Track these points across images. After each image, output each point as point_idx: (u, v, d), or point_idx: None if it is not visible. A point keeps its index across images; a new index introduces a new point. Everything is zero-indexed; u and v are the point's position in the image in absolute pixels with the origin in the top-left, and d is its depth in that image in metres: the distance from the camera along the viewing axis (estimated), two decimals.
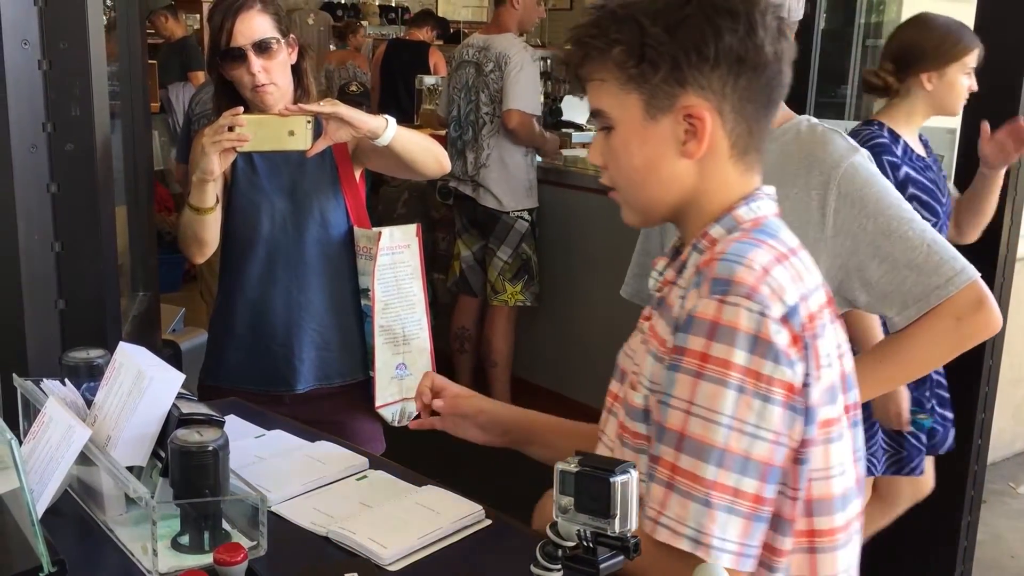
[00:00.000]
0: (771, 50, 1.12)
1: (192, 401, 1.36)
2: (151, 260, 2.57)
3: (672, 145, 1.14)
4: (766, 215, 1.16)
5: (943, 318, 1.48)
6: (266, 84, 2.05)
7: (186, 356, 2.96)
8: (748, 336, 1.03)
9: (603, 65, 1.14)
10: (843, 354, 1.15)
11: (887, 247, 1.50)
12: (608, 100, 1.15)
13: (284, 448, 1.58)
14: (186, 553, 1.23)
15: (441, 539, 1.29)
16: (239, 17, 2.02)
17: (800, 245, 1.18)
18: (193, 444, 1.22)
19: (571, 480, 0.94)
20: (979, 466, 2.68)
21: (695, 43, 1.09)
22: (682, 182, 1.16)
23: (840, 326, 1.18)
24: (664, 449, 1.07)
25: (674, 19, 1.09)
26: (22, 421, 1.48)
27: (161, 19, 6.40)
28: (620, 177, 1.19)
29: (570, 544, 0.97)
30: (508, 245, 4.11)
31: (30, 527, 1.14)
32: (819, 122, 1.63)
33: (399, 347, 2.19)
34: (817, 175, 1.54)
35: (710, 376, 1.04)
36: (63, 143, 1.74)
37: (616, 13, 1.13)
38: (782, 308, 1.04)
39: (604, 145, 1.18)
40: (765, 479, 1.04)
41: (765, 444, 1.04)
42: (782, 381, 1.04)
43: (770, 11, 1.12)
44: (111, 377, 1.35)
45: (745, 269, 1.05)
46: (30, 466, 1.29)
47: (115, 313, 1.98)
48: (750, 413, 1.03)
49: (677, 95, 1.12)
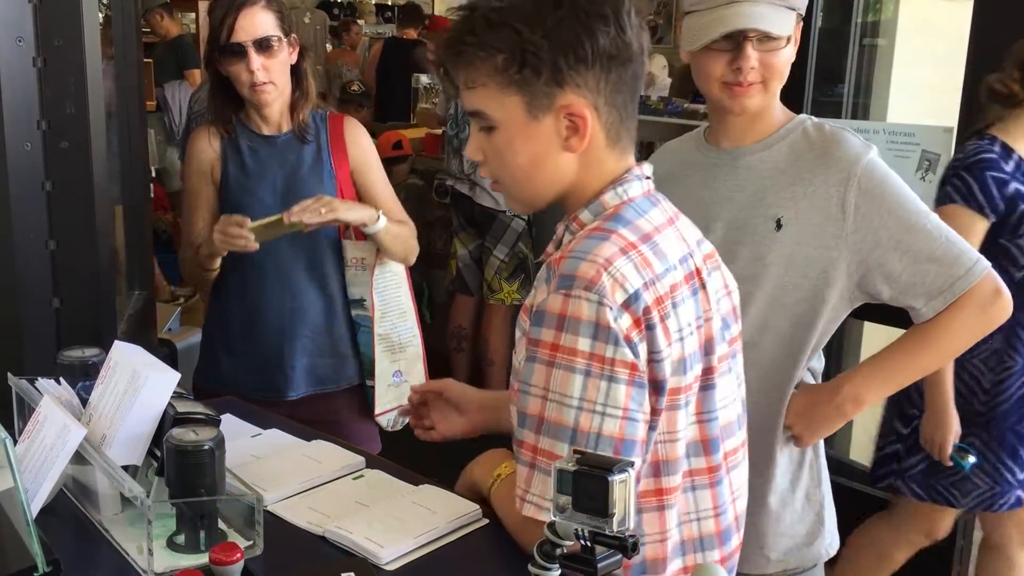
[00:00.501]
0: (637, 45, 1.20)
1: (188, 400, 1.35)
2: (147, 258, 2.56)
3: (555, 141, 1.21)
4: (632, 197, 1.23)
5: (968, 307, 1.53)
6: (265, 83, 2.02)
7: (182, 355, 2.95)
8: (590, 324, 1.12)
9: (483, 71, 1.19)
10: (707, 321, 1.24)
11: (908, 241, 1.52)
12: (489, 103, 1.21)
13: (280, 447, 1.57)
14: (182, 553, 1.22)
15: (438, 538, 1.29)
16: (242, 12, 2.00)
17: (667, 223, 1.25)
18: (189, 443, 1.21)
19: (569, 479, 0.93)
20: None
21: (572, 46, 1.16)
22: (565, 173, 1.24)
23: (705, 295, 1.24)
24: (526, 433, 1.16)
25: (550, 24, 1.16)
26: (17, 420, 1.48)
27: (156, 17, 6.38)
28: (504, 173, 1.26)
29: (568, 543, 0.97)
30: (505, 244, 4.11)
31: (25, 527, 1.14)
32: (822, 120, 1.64)
33: (396, 355, 2.21)
34: (835, 172, 1.55)
35: (560, 364, 1.13)
36: (58, 141, 1.74)
37: (490, 19, 1.18)
38: (623, 295, 1.13)
39: (485, 142, 1.25)
40: (619, 452, 1.13)
41: (615, 421, 1.13)
42: (623, 362, 1.13)
43: (632, 9, 1.20)
44: (106, 376, 1.35)
45: (587, 264, 1.14)
46: (25, 465, 1.28)
47: (110, 312, 1.98)
48: (598, 394, 1.13)
49: (556, 95, 1.19)
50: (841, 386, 1.61)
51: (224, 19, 2.00)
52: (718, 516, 1.27)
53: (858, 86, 3.53)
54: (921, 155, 2.68)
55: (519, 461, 1.18)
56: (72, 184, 1.77)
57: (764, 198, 1.59)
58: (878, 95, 3.63)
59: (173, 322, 3.13)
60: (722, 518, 1.28)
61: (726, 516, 1.29)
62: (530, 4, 1.17)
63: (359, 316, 2.17)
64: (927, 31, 3.79)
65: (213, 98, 2.12)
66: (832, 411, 1.61)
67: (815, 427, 1.62)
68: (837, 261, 1.55)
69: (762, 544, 1.65)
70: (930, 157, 2.67)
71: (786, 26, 1.53)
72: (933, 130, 2.66)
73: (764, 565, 1.66)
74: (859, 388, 1.60)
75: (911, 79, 3.72)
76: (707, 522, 1.27)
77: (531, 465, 1.16)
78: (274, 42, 2.02)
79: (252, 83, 2.02)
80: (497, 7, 1.18)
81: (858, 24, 3.50)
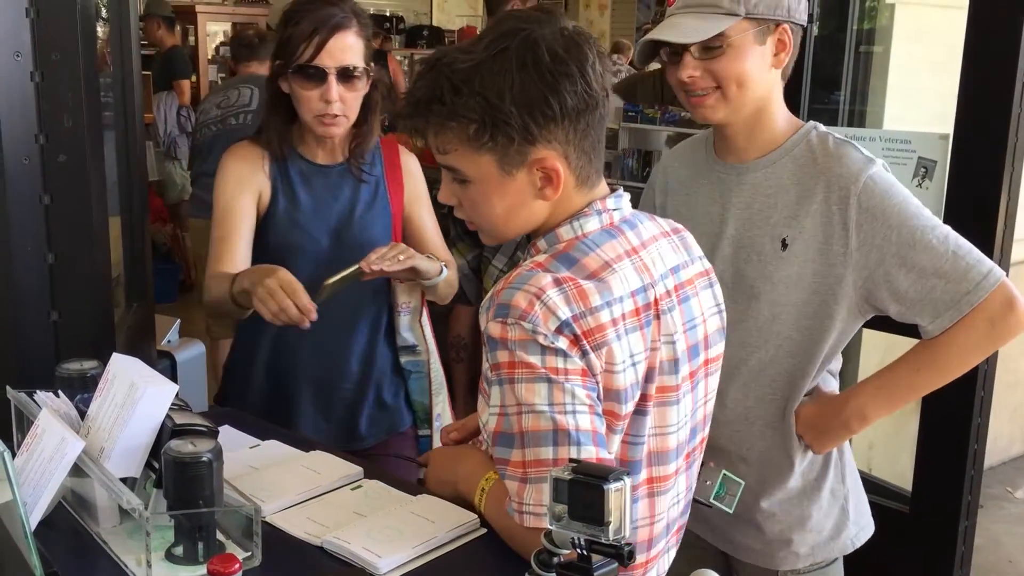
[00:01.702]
0: (601, 91, 1.23)
1: (186, 412, 1.35)
2: (146, 271, 2.56)
3: (529, 192, 1.25)
4: (587, 232, 1.26)
5: (976, 323, 1.50)
6: (338, 116, 1.85)
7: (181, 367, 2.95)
8: (534, 343, 1.16)
9: (454, 137, 1.22)
10: (654, 351, 1.25)
11: (913, 257, 1.50)
12: (461, 162, 1.25)
13: (278, 458, 1.57)
14: (180, 564, 1.22)
15: (436, 548, 1.29)
16: (335, 35, 1.81)
17: (624, 254, 1.25)
18: (187, 455, 1.21)
19: (565, 488, 0.94)
20: (976, 471, 2.68)
21: (540, 107, 1.19)
22: (538, 217, 1.28)
23: (657, 326, 1.25)
24: (514, 452, 1.18)
25: (517, 87, 1.17)
26: (15, 433, 1.48)
27: (154, 26, 6.39)
28: (480, 219, 1.30)
29: (565, 552, 0.97)
30: (503, 254, 4.11)
31: (23, 539, 1.14)
32: (828, 130, 1.62)
33: (440, 396, 2.10)
34: (836, 191, 1.54)
35: (521, 378, 1.17)
36: (56, 154, 1.74)
37: (456, 87, 1.19)
38: (556, 322, 1.16)
39: (459, 191, 1.28)
40: (598, 443, 1.17)
41: (586, 416, 1.17)
42: (575, 369, 1.17)
43: (597, 59, 1.22)
44: (104, 388, 1.35)
45: (521, 293, 1.18)
46: (23, 478, 1.29)
47: (109, 324, 1.98)
48: (563, 395, 1.16)
49: (528, 151, 1.22)
50: (847, 402, 1.62)
51: (312, 36, 1.80)
52: None
53: (854, 93, 3.54)
54: (917, 162, 2.68)
55: (507, 477, 1.20)
56: (70, 197, 1.77)
57: (769, 217, 1.59)
58: (874, 102, 3.64)
59: (172, 334, 3.13)
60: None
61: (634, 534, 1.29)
62: (495, 65, 1.18)
63: (409, 363, 2.03)
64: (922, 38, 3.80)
65: (272, 115, 1.92)
66: (838, 425, 1.62)
67: (824, 439, 1.64)
68: (843, 278, 1.54)
69: (790, 541, 1.68)
70: (926, 164, 2.67)
71: (705, 32, 1.52)
72: (929, 137, 2.66)
73: (794, 560, 1.69)
74: (864, 405, 1.61)
75: (907, 86, 3.72)
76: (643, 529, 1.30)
77: (522, 480, 1.18)
78: (358, 73, 1.84)
79: (324, 113, 1.84)
80: (461, 68, 1.19)
81: (854, 31, 3.51)
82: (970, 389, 2.56)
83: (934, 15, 3.72)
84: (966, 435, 2.59)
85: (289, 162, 1.93)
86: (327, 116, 1.84)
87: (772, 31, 1.55)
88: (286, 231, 1.90)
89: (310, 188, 1.93)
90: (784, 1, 1.54)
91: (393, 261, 1.77)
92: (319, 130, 1.87)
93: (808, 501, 1.67)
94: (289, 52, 1.82)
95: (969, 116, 2.50)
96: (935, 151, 2.64)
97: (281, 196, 1.90)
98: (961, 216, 2.56)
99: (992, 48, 2.43)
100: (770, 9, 1.53)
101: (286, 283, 1.63)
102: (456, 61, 1.19)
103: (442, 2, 9.43)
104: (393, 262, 1.77)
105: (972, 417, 2.60)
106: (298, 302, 1.61)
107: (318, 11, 1.82)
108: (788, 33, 1.56)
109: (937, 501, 2.60)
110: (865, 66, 3.58)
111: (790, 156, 1.60)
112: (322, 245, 1.91)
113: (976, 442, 2.63)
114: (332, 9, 1.83)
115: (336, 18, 1.82)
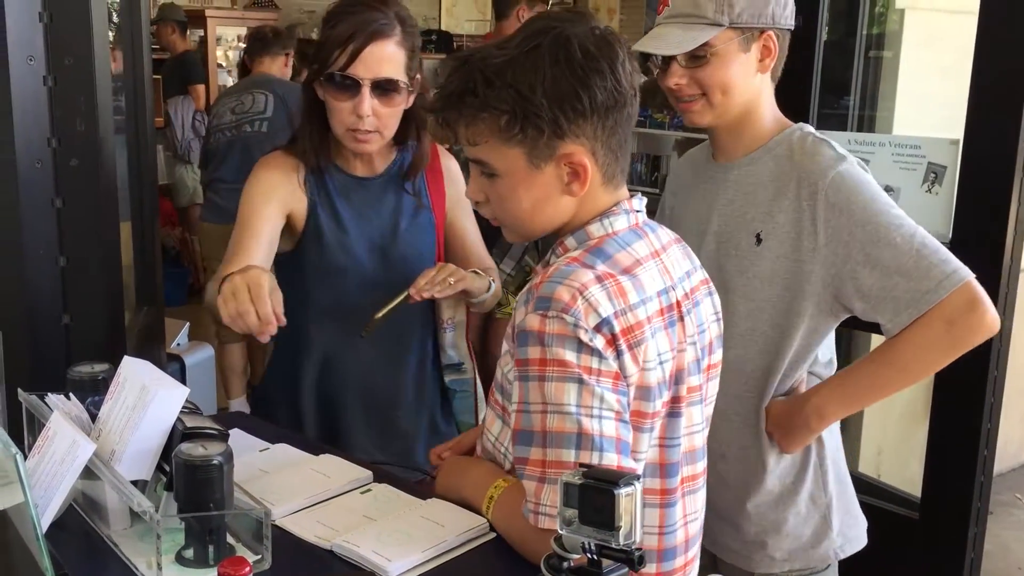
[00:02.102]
0: (630, 90, 1.25)
1: (196, 415, 1.36)
2: (155, 274, 2.57)
3: (556, 186, 1.26)
4: (617, 231, 1.28)
5: (933, 322, 1.49)
6: (370, 132, 1.70)
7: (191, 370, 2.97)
8: (572, 339, 1.16)
9: (485, 128, 1.23)
10: (681, 352, 1.28)
11: (876, 254, 1.51)
12: (491, 155, 1.25)
13: (288, 461, 1.57)
14: (191, 567, 1.23)
15: (446, 552, 1.29)
16: (372, 44, 1.65)
17: (651, 255, 1.28)
18: (197, 458, 1.22)
19: (575, 492, 0.94)
20: (985, 477, 2.67)
21: (571, 102, 1.20)
22: (564, 212, 1.29)
23: (682, 327, 1.28)
24: (533, 450, 1.18)
25: (549, 81, 1.19)
26: (27, 435, 1.48)
27: (168, 30, 6.42)
28: (506, 215, 1.31)
29: (575, 556, 0.97)
30: (511, 258, 4.12)
31: (35, 542, 1.14)
32: (812, 131, 1.64)
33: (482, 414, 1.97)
34: (806, 187, 1.56)
35: (552, 376, 1.17)
36: (68, 158, 1.75)
37: (489, 79, 1.20)
38: (596, 319, 1.17)
39: (487, 186, 1.29)
40: (620, 451, 1.17)
41: (611, 423, 1.17)
42: (608, 371, 1.18)
43: (627, 57, 1.24)
44: (116, 391, 1.35)
45: (563, 288, 1.18)
46: (35, 480, 1.29)
47: (120, 328, 1.99)
48: (592, 399, 1.16)
49: (557, 145, 1.23)
50: (808, 400, 1.63)
51: (347, 42, 1.64)
52: (662, 535, 1.30)
53: (864, 98, 3.53)
54: (927, 167, 2.68)
55: (524, 477, 1.20)
56: (82, 201, 1.78)
57: (747, 213, 1.62)
58: (884, 107, 3.64)
59: (181, 337, 3.14)
60: (666, 537, 1.31)
61: (672, 536, 1.31)
62: (528, 60, 1.19)
63: (454, 382, 1.91)
64: (932, 43, 3.79)
65: (307, 124, 1.77)
66: (801, 423, 1.63)
67: (789, 438, 1.65)
68: (811, 275, 1.56)
69: (764, 544, 1.68)
70: (936, 169, 2.67)
71: (689, 43, 1.54)
72: (939, 142, 2.66)
73: (770, 564, 1.69)
74: (823, 404, 1.61)
75: (917, 91, 3.72)
76: (650, 538, 1.30)
77: (540, 479, 1.18)
78: (396, 87, 1.68)
79: (356, 128, 1.69)
80: (495, 63, 1.20)
81: (863, 36, 3.50)
82: (980, 395, 2.55)
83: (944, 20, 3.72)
84: (976, 441, 2.58)
85: (327, 175, 1.80)
86: (359, 131, 1.70)
87: (757, 38, 1.57)
88: (327, 251, 1.77)
89: (351, 204, 1.79)
90: (768, 8, 1.56)
91: (444, 285, 1.68)
92: (350, 145, 1.74)
93: (784, 506, 1.68)
94: (323, 57, 1.69)
95: (979, 121, 2.49)
96: (945, 156, 2.64)
97: (321, 212, 1.76)
98: (971, 221, 2.55)
99: (1003, 53, 2.42)
100: (754, 17, 1.55)
101: (253, 284, 1.40)
102: (490, 56, 1.21)
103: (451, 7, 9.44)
104: (444, 286, 1.68)
105: (982, 423, 2.59)
106: (260, 309, 1.38)
107: (358, 15, 1.66)
108: (773, 39, 1.58)
109: (946, 507, 2.59)
110: (875, 71, 3.58)
111: (771, 155, 1.62)
112: (365, 265, 1.78)
113: (986, 448, 2.62)
114: (374, 14, 1.67)
115: (376, 24, 1.66)
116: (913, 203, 2.68)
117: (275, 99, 4.28)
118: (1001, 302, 2.50)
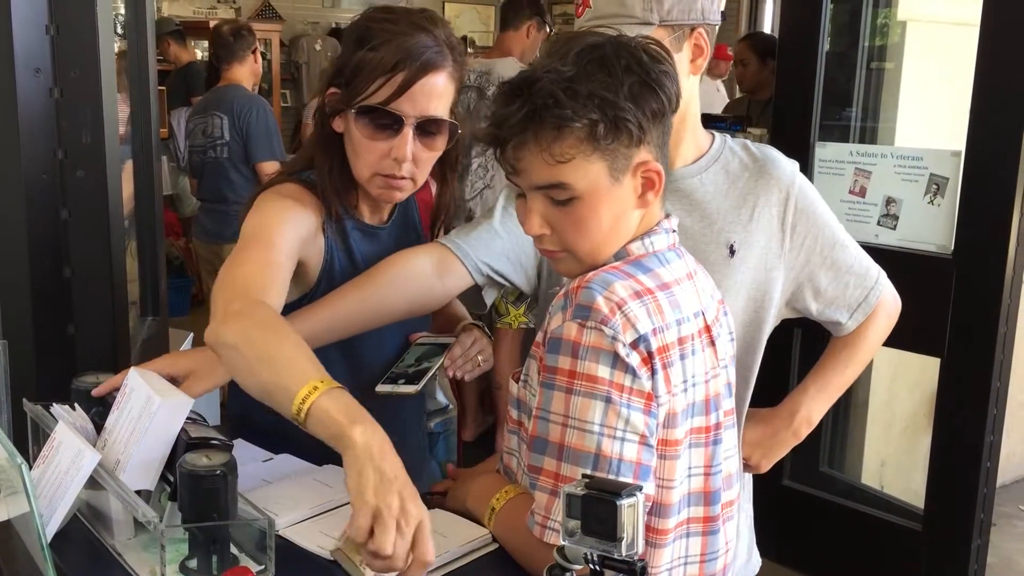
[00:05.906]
0: (678, 95, 1.24)
1: (201, 425, 1.36)
2: (160, 285, 2.58)
3: (631, 200, 1.23)
4: (658, 249, 1.26)
5: (879, 317, 1.61)
6: (405, 179, 1.45)
7: None
8: (609, 354, 1.14)
9: (570, 142, 1.18)
10: (715, 377, 1.27)
11: (834, 255, 1.56)
12: (574, 174, 1.19)
13: (292, 472, 1.58)
14: None
15: (448, 563, 1.29)
16: (425, 76, 1.40)
17: (686, 276, 1.27)
18: (202, 468, 1.22)
19: (578, 503, 0.94)
20: (988, 489, 2.67)
21: (651, 106, 1.19)
22: (632, 229, 1.25)
23: (714, 351, 1.27)
24: (547, 460, 1.17)
25: (627, 88, 1.17)
26: (32, 446, 1.49)
27: (166, 44, 6.43)
28: (583, 240, 1.22)
29: (577, 567, 0.97)
30: None
31: (39, 551, 1.15)
32: (742, 140, 1.61)
33: None
34: (776, 192, 1.54)
35: (579, 391, 1.15)
36: (74, 170, 1.76)
37: (573, 91, 1.15)
38: (634, 335, 1.15)
39: (556, 214, 1.22)
40: (638, 476, 1.15)
41: (633, 447, 1.15)
42: (641, 391, 1.16)
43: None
44: (121, 402, 1.36)
45: (603, 299, 1.15)
46: (40, 490, 1.30)
47: (124, 338, 1.99)
48: (617, 420, 1.14)
49: (632, 155, 1.20)
50: (796, 411, 1.64)
51: (394, 70, 1.38)
52: (704, 562, 1.30)
53: (866, 110, 3.54)
54: (929, 179, 2.69)
55: (536, 487, 1.19)
56: (88, 212, 1.79)
57: (713, 223, 1.54)
58: (886, 119, 3.64)
59: (185, 347, 3.14)
60: (707, 565, 1.30)
61: (713, 564, 1.30)
62: (602, 72, 1.16)
63: (439, 424, 1.88)
64: (934, 55, 3.80)
65: (324, 161, 1.49)
66: (790, 436, 1.65)
67: (772, 455, 1.66)
68: (775, 281, 1.55)
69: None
70: (938, 180, 2.67)
71: None
72: (941, 154, 2.67)
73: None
74: (811, 410, 1.65)
75: (919, 103, 3.73)
76: (692, 567, 1.29)
77: (552, 492, 1.17)
78: (442, 128, 1.45)
79: (390, 173, 1.43)
80: (570, 76, 1.16)
81: (865, 48, 3.51)
82: (983, 407, 2.55)
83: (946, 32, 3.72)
84: (979, 453, 2.58)
85: (344, 220, 1.54)
86: (392, 178, 1.44)
87: (688, 36, 1.48)
88: None
89: (365, 255, 1.54)
90: (697, 4, 1.48)
91: (473, 365, 1.54)
92: (375, 191, 1.47)
93: None
94: (357, 84, 1.40)
95: (981, 133, 2.50)
96: (947, 168, 2.64)
97: (337, 262, 1.51)
98: (974, 233, 2.56)
99: (1004, 64, 2.43)
100: (684, 14, 1.47)
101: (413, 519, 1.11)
102: (555, 72, 1.16)
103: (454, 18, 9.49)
104: (473, 366, 1.54)
105: (985, 435, 2.59)
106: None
107: (405, 38, 1.39)
108: (704, 36, 1.50)
109: (949, 519, 2.59)
110: (877, 83, 3.58)
111: (719, 163, 1.56)
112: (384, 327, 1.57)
113: (989, 460, 2.62)
114: (424, 38, 1.41)
115: (429, 52, 1.40)
116: (915, 214, 2.69)
117: (229, 121, 4.30)
118: (1003, 314, 2.51)
